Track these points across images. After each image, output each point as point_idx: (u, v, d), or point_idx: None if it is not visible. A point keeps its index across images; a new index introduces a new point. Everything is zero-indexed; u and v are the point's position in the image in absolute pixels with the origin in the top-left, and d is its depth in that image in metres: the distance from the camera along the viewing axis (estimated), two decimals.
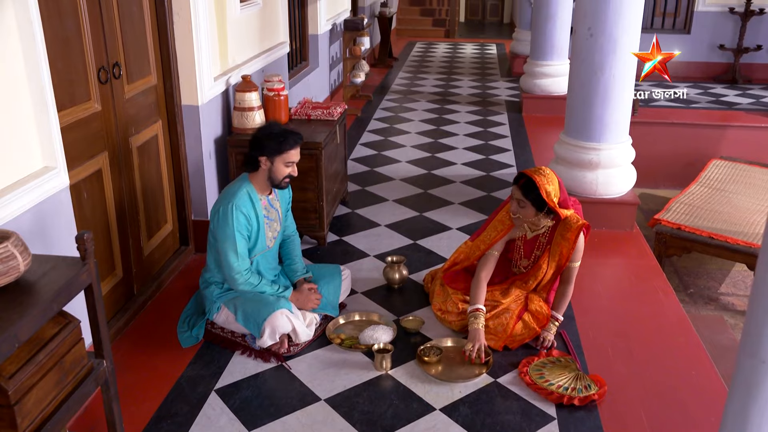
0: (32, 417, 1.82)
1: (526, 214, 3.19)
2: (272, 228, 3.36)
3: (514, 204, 3.20)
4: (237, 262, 3.15)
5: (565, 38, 7.76)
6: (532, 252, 3.35)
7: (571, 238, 3.18)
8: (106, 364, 2.14)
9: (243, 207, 3.16)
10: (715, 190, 6.29)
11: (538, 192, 3.10)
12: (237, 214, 3.13)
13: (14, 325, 1.69)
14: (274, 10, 5.30)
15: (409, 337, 3.32)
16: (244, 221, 3.16)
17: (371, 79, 9.67)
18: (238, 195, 3.17)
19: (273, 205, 3.36)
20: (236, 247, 3.14)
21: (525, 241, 3.36)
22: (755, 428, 1.61)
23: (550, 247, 3.26)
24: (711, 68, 10.15)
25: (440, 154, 6.39)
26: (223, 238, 3.14)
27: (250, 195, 3.22)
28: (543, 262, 3.29)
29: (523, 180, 3.16)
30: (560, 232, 3.22)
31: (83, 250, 1.99)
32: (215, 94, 4.14)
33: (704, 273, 5.96)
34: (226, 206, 3.14)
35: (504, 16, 18.17)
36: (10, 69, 2.34)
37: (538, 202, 3.13)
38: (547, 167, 3.25)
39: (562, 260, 3.23)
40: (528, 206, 3.16)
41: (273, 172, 3.21)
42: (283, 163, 3.20)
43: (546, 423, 2.76)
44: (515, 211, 3.21)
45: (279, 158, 3.18)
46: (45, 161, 2.51)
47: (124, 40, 3.32)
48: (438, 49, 13.22)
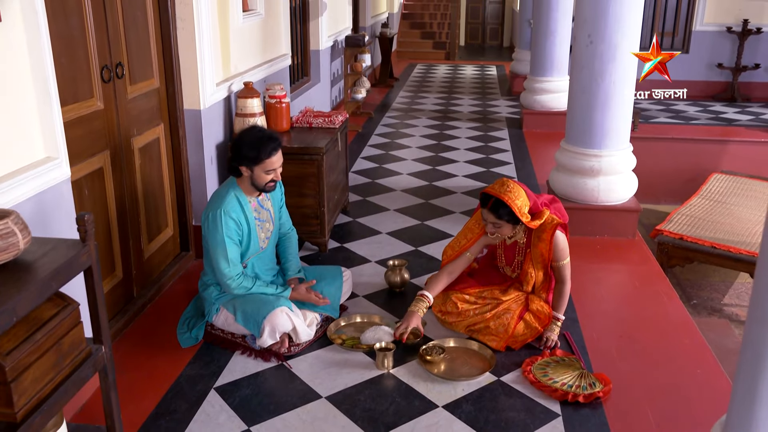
0: (29, 396, 1.79)
1: (504, 232, 3.16)
2: (264, 229, 3.33)
3: (490, 226, 3.14)
4: (228, 268, 3.12)
5: (564, 54, 7.82)
6: (514, 258, 3.34)
7: (546, 238, 3.14)
8: (104, 350, 2.11)
9: (232, 212, 3.12)
10: (717, 202, 6.28)
11: (509, 209, 3.05)
12: (226, 220, 3.09)
13: (12, 299, 1.67)
14: (276, 22, 5.35)
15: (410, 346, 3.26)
16: (234, 226, 3.13)
17: (372, 98, 9.74)
18: (226, 200, 3.14)
19: (263, 206, 3.33)
20: (227, 253, 3.10)
21: (505, 247, 3.36)
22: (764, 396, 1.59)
23: (530, 250, 3.24)
24: (710, 87, 10.22)
25: (441, 167, 6.40)
26: (214, 244, 3.12)
27: (239, 198, 3.19)
28: (528, 267, 3.26)
29: (491, 201, 3.09)
30: (536, 234, 3.19)
31: (83, 231, 1.98)
32: (217, 100, 4.16)
33: (707, 285, 5.92)
34: (215, 212, 3.11)
35: (504, 39, 18.36)
36: (14, 60, 2.35)
37: (512, 219, 3.09)
38: (508, 179, 3.18)
39: (545, 261, 3.20)
40: (504, 225, 3.12)
41: (254, 179, 3.16)
42: (263, 171, 3.14)
43: (550, 420, 2.71)
44: (492, 232, 3.16)
45: (258, 167, 3.12)
46: (47, 151, 2.51)
47: (128, 41, 3.35)
48: (438, 71, 13.33)
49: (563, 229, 3.20)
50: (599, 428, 2.67)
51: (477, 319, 3.24)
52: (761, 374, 1.57)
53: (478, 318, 3.23)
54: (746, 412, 1.65)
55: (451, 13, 15.16)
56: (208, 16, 3.93)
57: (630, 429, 2.68)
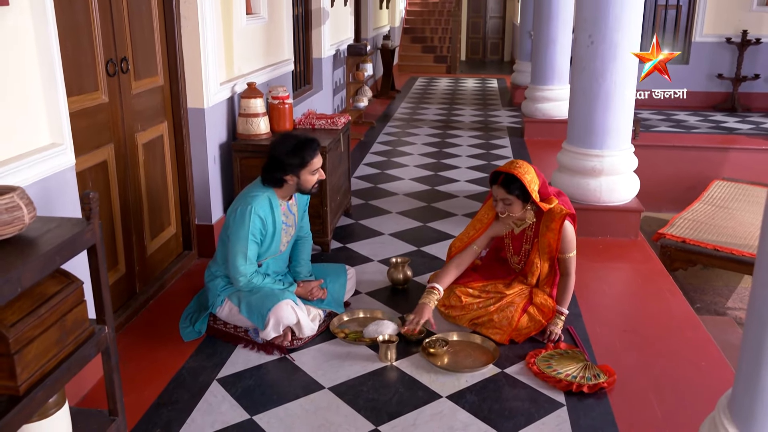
0: (31, 370, 1.78)
1: (514, 210, 3.17)
2: (288, 233, 3.35)
3: (500, 204, 3.17)
4: (244, 266, 3.12)
5: (565, 63, 7.87)
6: (521, 246, 3.34)
7: (555, 227, 3.15)
8: (107, 331, 2.11)
9: (261, 211, 3.13)
10: (719, 207, 6.29)
11: (521, 183, 3.07)
12: (254, 218, 3.10)
13: (17, 269, 1.67)
14: (279, 26, 5.39)
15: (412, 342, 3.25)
16: (260, 226, 3.13)
17: (374, 108, 9.79)
18: (258, 199, 3.14)
19: (291, 210, 3.36)
20: (246, 251, 3.11)
21: (513, 237, 3.36)
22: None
23: (538, 240, 3.24)
24: (710, 97, 10.26)
25: (443, 172, 6.42)
26: (236, 239, 3.12)
27: (271, 200, 3.20)
28: (534, 257, 3.26)
29: (502, 177, 3.13)
30: (545, 223, 3.20)
31: (88, 209, 1.98)
32: (221, 100, 4.19)
33: (710, 289, 5.90)
34: (244, 208, 3.11)
35: (504, 54, 18.47)
36: (21, 45, 2.37)
37: (523, 194, 3.11)
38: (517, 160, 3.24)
39: (552, 252, 3.21)
40: (515, 201, 3.14)
41: (302, 184, 3.19)
42: (310, 174, 3.18)
43: (555, 409, 2.70)
44: (503, 210, 3.18)
45: (304, 171, 3.16)
46: (53, 138, 2.52)
47: (133, 36, 3.37)
48: (440, 83, 13.40)
49: (572, 220, 3.21)
50: (604, 417, 2.65)
51: (481, 312, 3.23)
52: (766, 340, 1.56)
53: (482, 311, 3.23)
54: (752, 381, 1.64)
55: (452, 28, 15.26)
56: (212, 16, 3.97)
57: (635, 417, 2.66)
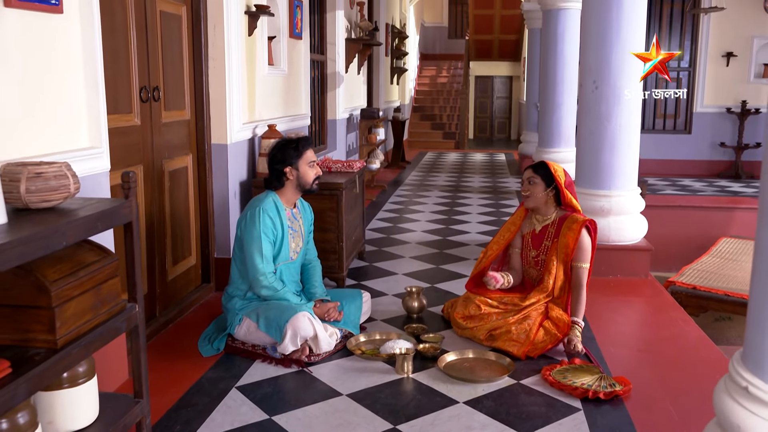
0: (68, 327, 1.86)
1: (536, 191, 3.46)
2: (295, 240, 3.47)
3: (525, 183, 3.50)
4: (262, 264, 3.24)
5: (571, 126, 8.12)
6: (542, 243, 3.50)
7: (576, 228, 3.36)
8: (137, 309, 2.19)
9: (270, 211, 3.33)
10: (727, 260, 6.35)
11: (547, 168, 3.43)
12: (263, 217, 3.29)
13: (62, 225, 1.79)
14: (297, 81, 5.67)
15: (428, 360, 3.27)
16: (270, 224, 3.31)
17: (384, 175, 10.03)
18: (265, 201, 3.35)
19: (296, 218, 3.51)
20: (262, 249, 3.25)
21: (533, 235, 3.56)
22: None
23: (558, 240, 3.41)
24: (714, 166, 10.47)
25: (454, 225, 6.55)
26: (250, 240, 3.25)
27: (276, 203, 3.40)
28: (552, 255, 3.42)
29: (534, 163, 3.58)
30: (567, 224, 3.42)
31: (127, 187, 2.11)
32: (243, 138, 4.39)
33: (724, 340, 5.87)
34: (253, 210, 3.30)
35: (512, 132, 18.96)
36: (69, 49, 2.56)
37: (547, 176, 3.43)
38: None
39: (568, 253, 3.36)
40: (538, 182, 3.45)
41: (301, 177, 3.42)
42: (307, 164, 3.42)
43: (572, 412, 2.71)
44: (526, 189, 3.49)
45: (301, 161, 3.40)
46: (91, 141, 2.68)
47: (165, 69, 3.60)
48: (449, 157, 13.73)
49: (592, 230, 3.42)
50: (621, 419, 2.66)
51: (500, 323, 3.29)
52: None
53: (501, 322, 3.29)
54: (761, 329, 1.69)
55: (461, 106, 15.79)
56: (237, 60, 4.22)
57: (653, 421, 2.67)
